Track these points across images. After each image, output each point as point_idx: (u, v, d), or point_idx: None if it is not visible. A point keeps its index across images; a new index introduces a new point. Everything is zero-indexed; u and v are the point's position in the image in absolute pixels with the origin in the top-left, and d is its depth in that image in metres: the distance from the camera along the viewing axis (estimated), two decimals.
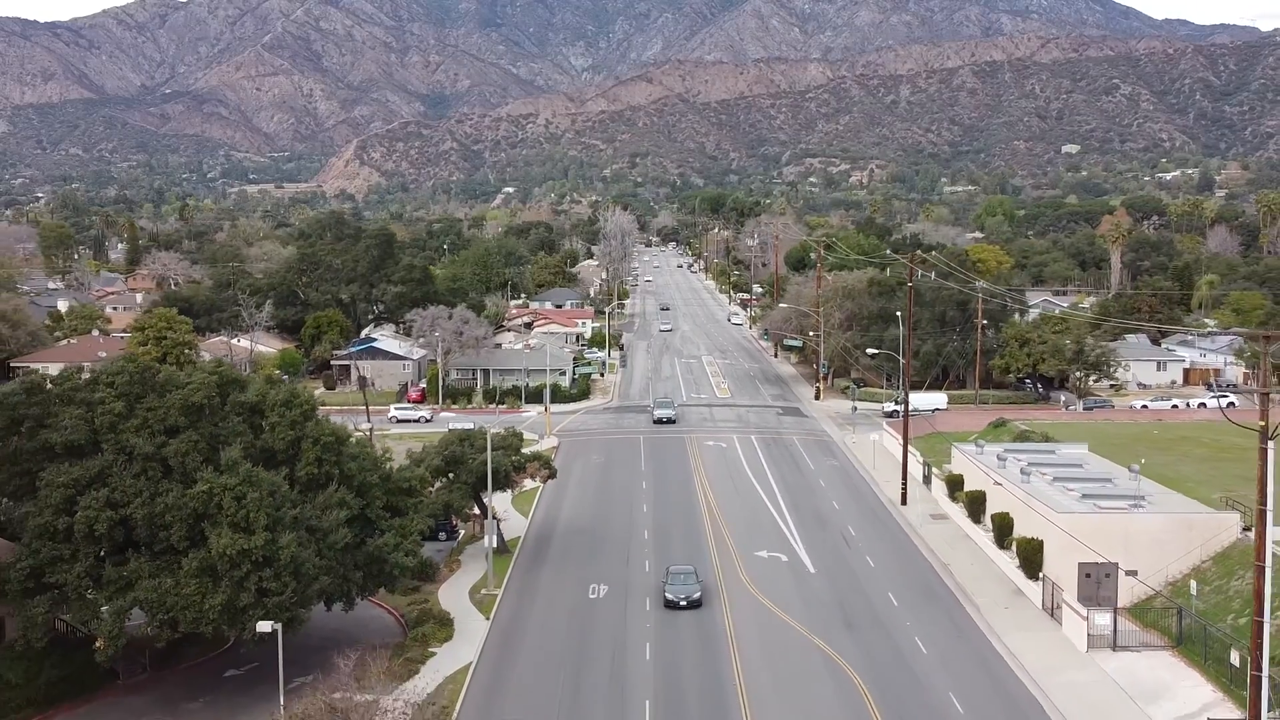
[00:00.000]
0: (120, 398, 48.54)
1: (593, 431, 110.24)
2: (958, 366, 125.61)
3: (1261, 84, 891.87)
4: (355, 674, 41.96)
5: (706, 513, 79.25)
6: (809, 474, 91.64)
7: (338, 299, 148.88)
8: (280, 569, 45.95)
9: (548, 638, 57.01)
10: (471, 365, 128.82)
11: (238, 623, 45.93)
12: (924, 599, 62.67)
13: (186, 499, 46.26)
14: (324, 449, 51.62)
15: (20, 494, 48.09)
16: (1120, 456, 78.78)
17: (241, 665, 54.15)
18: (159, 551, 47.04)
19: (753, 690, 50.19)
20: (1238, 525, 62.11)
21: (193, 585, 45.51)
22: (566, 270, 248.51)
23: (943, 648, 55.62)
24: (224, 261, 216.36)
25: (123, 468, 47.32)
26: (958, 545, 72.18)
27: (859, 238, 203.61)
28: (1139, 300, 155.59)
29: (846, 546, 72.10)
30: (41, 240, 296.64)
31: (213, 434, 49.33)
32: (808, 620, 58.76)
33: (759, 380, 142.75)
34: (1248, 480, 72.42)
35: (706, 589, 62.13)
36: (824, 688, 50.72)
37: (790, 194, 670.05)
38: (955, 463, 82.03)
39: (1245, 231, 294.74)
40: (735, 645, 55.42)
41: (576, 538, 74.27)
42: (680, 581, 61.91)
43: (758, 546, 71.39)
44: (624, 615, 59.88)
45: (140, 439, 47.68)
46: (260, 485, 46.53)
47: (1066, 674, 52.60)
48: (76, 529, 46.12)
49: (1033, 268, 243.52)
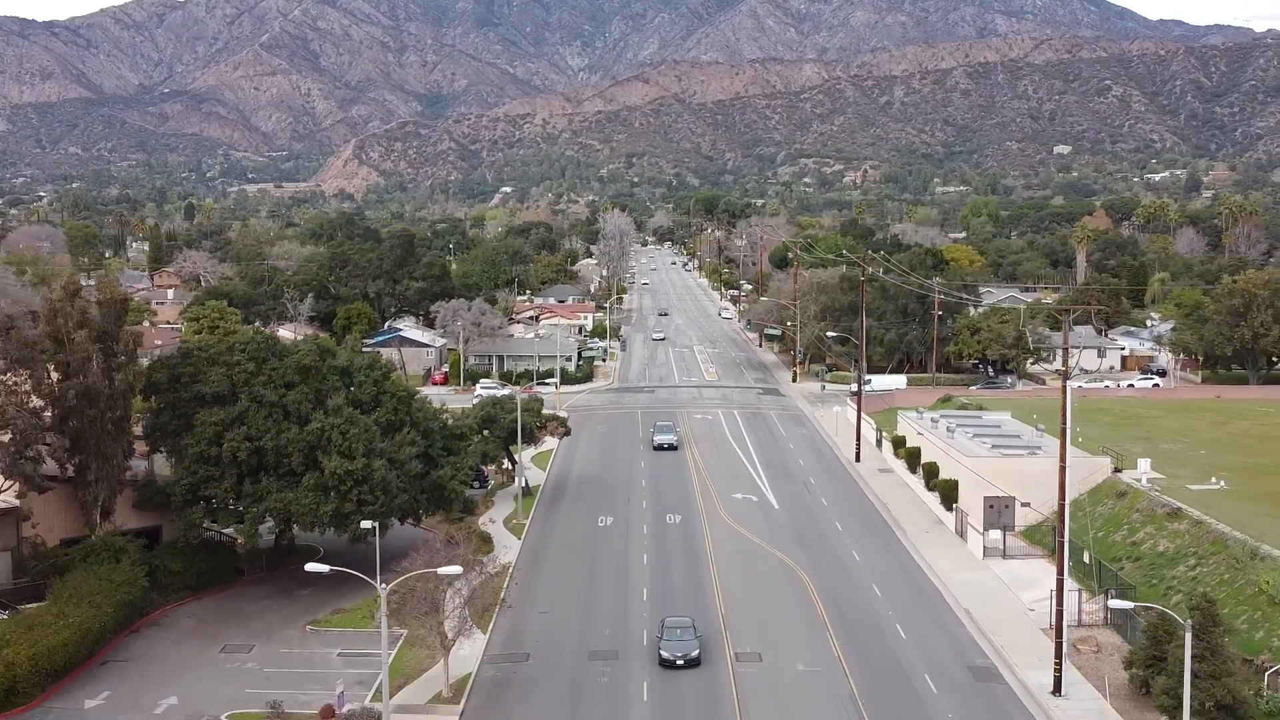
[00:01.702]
0: (251, 360, 64.81)
1: (597, 408, 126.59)
2: (918, 353, 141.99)
3: (1252, 85, 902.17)
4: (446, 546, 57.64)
5: (694, 467, 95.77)
6: (781, 439, 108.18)
7: (364, 294, 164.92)
8: (373, 486, 62.18)
9: (568, 551, 73.45)
10: (488, 352, 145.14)
11: (343, 525, 62.15)
12: (863, 527, 79.14)
13: (304, 434, 62.51)
14: (399, 401, 67.88)
15: (179, 431, 64.15)
16: (1043, 422, 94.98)
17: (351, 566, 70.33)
18: (283, 474, 63.22)
19: (724, 583, 66.60)
20: (1109, 467, 78.65)
21: (310, 497, 61.74)
22: (568, 269, 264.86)
23: (873, 558, 72.07)
24: (248, 260, 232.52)
25: (255, 411, 63.45)
26: (896, 490, 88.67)
27: (837, 238, 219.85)
28: (1088, 295, 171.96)
29: (806, 492, 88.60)
30: (68, 240, 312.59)
31: (318, 388, 65.53)
32: (770, 540, 75.21)
33: (744, 366, 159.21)
34: (1136, 439, 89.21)
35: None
36: (779, 583, 67.10)
37: (785, 194, 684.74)
38: (900, 427, 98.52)
39: (1212, 232, 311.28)
40: (713, 555, 71.89)
41: (587, 485, 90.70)
42: (677, 637, 54.68)
43: (734, 491, 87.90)
44: (626, 537, 76.29)
45: (267, 390, 63.92)
46: (358, 424, 62.82)
47: (965, 574, 69.01)
48: (223, 456, 62.36)
49: (1007, 266, 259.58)
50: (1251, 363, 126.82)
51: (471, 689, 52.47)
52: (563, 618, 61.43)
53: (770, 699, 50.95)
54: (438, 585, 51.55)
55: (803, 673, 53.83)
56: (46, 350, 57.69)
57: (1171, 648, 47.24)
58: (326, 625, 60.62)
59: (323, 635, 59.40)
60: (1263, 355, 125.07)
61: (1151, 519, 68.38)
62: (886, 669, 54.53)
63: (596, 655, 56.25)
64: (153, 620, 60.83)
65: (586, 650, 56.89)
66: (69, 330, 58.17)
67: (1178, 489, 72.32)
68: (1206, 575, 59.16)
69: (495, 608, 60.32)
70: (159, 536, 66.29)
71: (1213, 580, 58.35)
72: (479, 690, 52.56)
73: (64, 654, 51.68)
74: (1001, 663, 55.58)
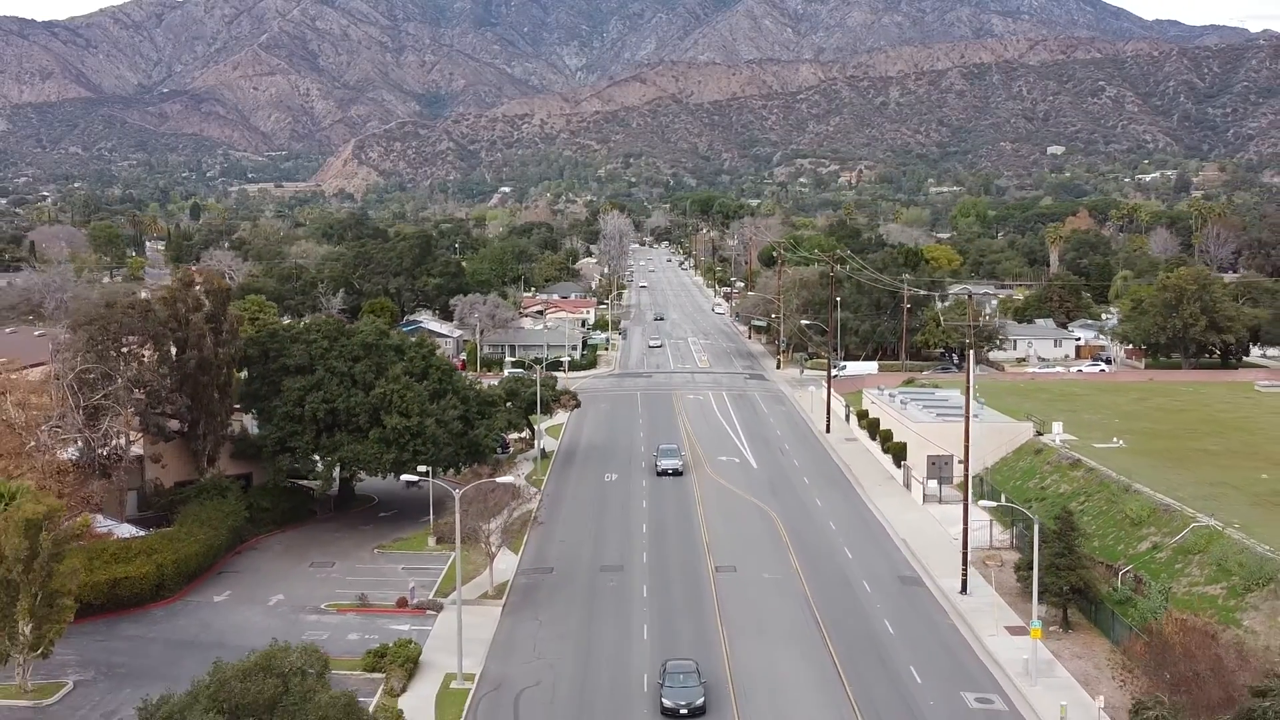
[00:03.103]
0: (325, 338, 79.94)
1: (600, 390, 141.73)
2: (890, 342, 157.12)
3: (1244, 87, 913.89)
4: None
5: (686, 435, 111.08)
6: (762, 415, 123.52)
7: (386, 289, 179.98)
8: (426, 439, 77.23)
9: (581, 499, 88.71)
10: (501, 341, 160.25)
11: (402, 471, 77.19)
12: (827, 482, 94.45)
13: (369, 398, 77.60)
14: (443, 373, 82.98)
15: (268, 395, 79.18)
16: (991, 399, 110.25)
17: (388, 511, 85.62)
18: (352, 430, 78.24)
19: (709, 521, 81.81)
20: (1031, 430, 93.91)
21: (375, 448, 76.80)
22: (569, 267, 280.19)
23: (833, 504, 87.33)
24: (269, 259, 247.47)
25: (329, 379, 78.41)
26: (858, 454, 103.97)
27: (820, 239, 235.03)
28: (1050, 291, 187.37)
29: (781, 455, 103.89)
30: (93, 239, 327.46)
31: (378, 361, 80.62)
32: (748, 490, 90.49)
33: (733, 355, 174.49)
34: (1064, 411, 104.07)
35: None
36: (754, 521, 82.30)
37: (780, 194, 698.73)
38: (864, 403, 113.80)
39: (1185, 233, 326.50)
40: (700, 501, 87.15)
41: (594, 450, 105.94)
42: (680, 684, 50.61)
43: (720, 454, 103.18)
44: (628, 488, 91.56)
45: (338, 362, 79.01)
46: (412, 389, 77.92)
47: (906, 515, 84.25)
48: (305, 415, 77.42)
49: (987, 265, 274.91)
50: (1183, 350, 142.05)
51: (510, 590, 67.69)
52: (578, 545, 76.68)
53: (741, 597, 66.10)
54: (484, 509, 66.62)
55: (768, 579, 69.02)
56: (170, 329, 72.76)
57: (1043, 551, 62.35)
58: (391, 549, 75.83)
59: (389, 555, 74.56)
60: (1193, 343, 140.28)
61: (1058, 469, 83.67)
62: (834, 578, 69.73)
63: (606, 569, 71.47)
64: (250, 545, 75.91)
65: (598, 565, 72.13)
66: (187, 313, 73.21)
67: (1084, 447, 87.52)
68: (1091, 507, 74.42)
69: (525, 532, 75.53)
70: (250, 482, 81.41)
71: (1094, 510, 73.65)
72: (515, 591, 67.77)
73: (195, 561, 66.88)
74: (925, 574, 70.84)
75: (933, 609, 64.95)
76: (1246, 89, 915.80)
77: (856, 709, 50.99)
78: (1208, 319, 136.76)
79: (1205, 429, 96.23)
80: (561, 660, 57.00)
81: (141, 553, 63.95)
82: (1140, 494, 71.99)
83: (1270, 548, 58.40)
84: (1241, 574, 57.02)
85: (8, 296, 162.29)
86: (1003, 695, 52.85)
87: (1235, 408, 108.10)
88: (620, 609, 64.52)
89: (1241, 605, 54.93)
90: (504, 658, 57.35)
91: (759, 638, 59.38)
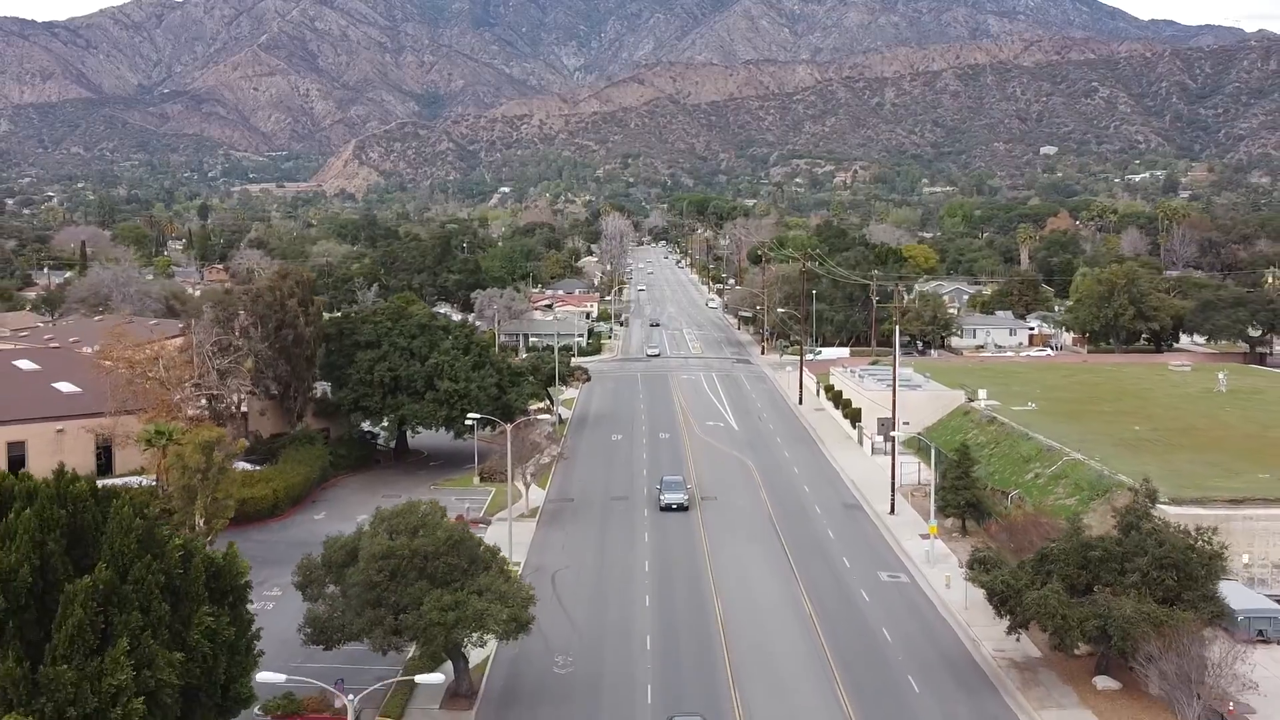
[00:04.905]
0: (388, 320, 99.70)
1: (605, 372, 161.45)
2: (862, 331, 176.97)
3: (1236, 87, 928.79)
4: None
5: (679, 406, 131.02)
6: (746, 391, 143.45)
7: (409, 285, 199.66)
8: (470, 400, 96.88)
9: (593, 453, 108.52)
10: (516, 331, 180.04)
11: (454, 424, 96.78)
12: (795, 440, 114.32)
13: (425, 367, 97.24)
14: (482, 348, 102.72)
15: (344, 365, 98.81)
16: (943, 376, 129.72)
17: (436, 460, 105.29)
18: (411, 393, 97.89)
19: (697, 466, 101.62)
20: (964, 397, 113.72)
21: (430, 408, 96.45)
22: (573, 265, 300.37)
23: (799, 457, 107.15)
24: (293, 257, 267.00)
25: (392, 352, 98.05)
26: (824, 420, 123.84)
27: (804, 239, 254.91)
28: (1010, 285, 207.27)
29: (759, 421, 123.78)
30: (121, 240, 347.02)
31: (430, 338, 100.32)
32: (730, 446, 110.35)
33: (723, 344, 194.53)
34: (998, 384, 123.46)
35: (675, 432, 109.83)
36: (734, 469, 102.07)
37: (776, 195, 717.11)
38: (832, 379, 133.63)
39: (1154, 233, 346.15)
40: (690, 453, 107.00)
41: (602, 418, 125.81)
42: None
43: (707, 420, 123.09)
44: (631, 445, 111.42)
45: (400, 339, 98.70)
46: (459, 361, 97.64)
47: (858, 464, 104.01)
48: (373, 380, 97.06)
49: (965, 263, 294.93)
50: (1115, 336, 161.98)
51: (541, 513, 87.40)
52: (592, 483, 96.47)
53: (721, 519, 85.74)
54: (520, 454, 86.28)
55: (741, 507, 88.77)
56: (273, 311, 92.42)
57: (945, 476, 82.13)
58: (444, 485, 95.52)
59: (442, 491, 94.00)
60: (1123, 330, 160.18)
61: (978, 425, 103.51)
62: (793, 505, 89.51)
63: (615, 499, 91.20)
64: (333, 484, 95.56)
65: (609, 496, 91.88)
66: (284, 299, 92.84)
67: (1004, 409, 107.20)
68: (997, 452, 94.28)
69: (549, 474, 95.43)
70: (329, 434, 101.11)
71: (999, 454, 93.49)
72: (545, 513, 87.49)
73: (298, 489, 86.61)
74: (864, 502, 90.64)
75: (866, 524, 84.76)
76: (1238, 90, 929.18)
77: (800, 582, 70.65)
78: (1135, 309, 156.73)
79: (1108, 397, 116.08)
80: (584, 554, 76.70)
81: (261, 481, 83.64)
82: (1033, 439, 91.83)
83: (1111, 470, 78.20)
84: (1090, 489, 76.81)
85: (78, 290, 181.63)
86: (907, 573, 72.64)
87: (1142, 382, 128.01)
88: (626, 524, 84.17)
89: (1086, 510, 74.64)
90: (540, 553, 77.00)
91: (733, 540, 79.11)
